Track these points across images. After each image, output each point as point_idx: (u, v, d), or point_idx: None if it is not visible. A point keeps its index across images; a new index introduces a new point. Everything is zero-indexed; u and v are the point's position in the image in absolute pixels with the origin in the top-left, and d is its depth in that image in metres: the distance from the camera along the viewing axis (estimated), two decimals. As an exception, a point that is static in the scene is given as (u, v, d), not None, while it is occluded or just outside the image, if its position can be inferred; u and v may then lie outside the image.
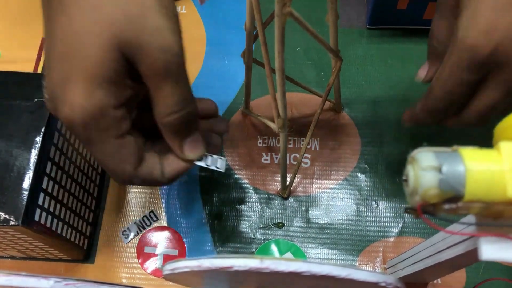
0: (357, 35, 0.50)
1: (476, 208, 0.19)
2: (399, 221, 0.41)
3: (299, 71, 0.48)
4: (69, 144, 0.37)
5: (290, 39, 0.49)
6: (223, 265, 0.22)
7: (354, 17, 0.51)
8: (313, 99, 0.45)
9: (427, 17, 0.47)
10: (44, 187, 0.33)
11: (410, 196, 0.20)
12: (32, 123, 0.33)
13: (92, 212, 0.42)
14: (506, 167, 0.18)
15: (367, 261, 0.40)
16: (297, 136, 0.45)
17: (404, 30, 0.49)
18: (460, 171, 0.18)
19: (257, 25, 0.30)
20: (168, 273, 0.25)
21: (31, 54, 0.50)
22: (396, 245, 0.40)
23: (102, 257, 0.41)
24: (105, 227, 0.42)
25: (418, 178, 0.19)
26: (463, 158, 0.19)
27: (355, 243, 0.41)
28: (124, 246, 0.41)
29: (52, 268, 0.40)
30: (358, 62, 0.48)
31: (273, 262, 0.21)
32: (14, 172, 0.31)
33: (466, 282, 0.39)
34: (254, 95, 0.46)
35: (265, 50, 0.31)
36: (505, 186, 0.18)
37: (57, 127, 0.35)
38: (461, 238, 0.24)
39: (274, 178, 0.44)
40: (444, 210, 0.19)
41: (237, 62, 0.49)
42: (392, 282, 0.22)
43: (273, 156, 0.45)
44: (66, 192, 0.36)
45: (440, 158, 0.19)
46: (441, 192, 0.19)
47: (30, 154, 0.32)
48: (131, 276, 0.40)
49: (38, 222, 0.32)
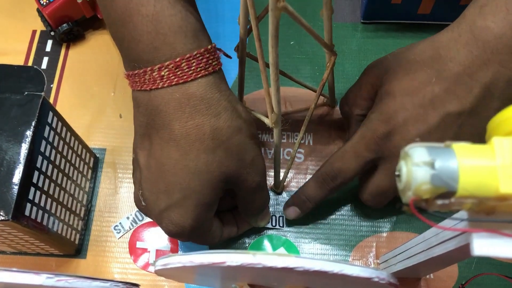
0: (351, 30, 0.50)
1: (469, 204, 0.19)
2: (392, 216, 0.41)
3: (293, 66, 0.48)
4: (60, 138, 0.36)
5: (284, 33, 0.49)
6: (216, 261, 0.22)
7: (348, 11, 0.51)
8: (307, 94, 0.45)
9: (422, 12, 0.47)
10: (34, 181, 0.32)
11: (402, 192, 0.20)
12: (22, 116, 0.32)
13: (83, 206, 0.41)
14: (499, 162, 0.18)
15: (360, 256, 0.40)
16: (290, 131, 0.45)
17: (398, 24, 0.49)
18: (453, 167, 0.18)
19: (251, 19, 0.29)
20: (160, 268, 0.24)
21: (22, 46, 0.49)
22: (389, 240, 0.41)
23: (93, 252, 0.41)
24: (96, 222, 0.42)
25: (411, 173, 0.19)
26: (456, 154, 0.19)
27: (348, 238, 0.41)
28: (116, 241, 0.41)
29: (43, 263, 0.40)
30: (352, 57, 0.48)
31: (266, 258, 0.21)
32: (4, 167, 0.31)
33: (458, 277, 0.39)
34: (247, 90, 0.45)
35: (259, 44, 0.30)
36: (497, 182, 0.18)
37: (47, 121, 0.34)
38: (454, 233, 0.24)
39: (268, 173, 0.43)
40: (437, 205, 0.19)
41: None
42: (385, 277, 0.22)
43: (266, 151, 0.44)
44: (57, 187, 0.36)
45: (433, 153, 0.19)
46: (433, 188, 0.19)
47: (20, 148, 0.31)
48: (123, 271, 0.40)
49: (29, 217, 0.32)
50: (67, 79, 0.48)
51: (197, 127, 0.29)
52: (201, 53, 0.29)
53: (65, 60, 0.49)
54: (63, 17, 0.47)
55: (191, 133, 0.29)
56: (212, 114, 0.29)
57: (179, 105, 0.29)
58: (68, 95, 0.47)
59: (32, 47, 0.49)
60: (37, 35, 0.50)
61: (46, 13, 0.46)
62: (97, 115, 0.46)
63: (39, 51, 0.49)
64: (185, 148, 0.29)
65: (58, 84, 0.47)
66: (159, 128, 0.30)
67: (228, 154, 0.30)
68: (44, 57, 0.49)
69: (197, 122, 0.29)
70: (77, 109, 0.46)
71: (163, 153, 0.30)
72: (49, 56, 0.49)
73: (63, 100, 0.47)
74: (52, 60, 0.48)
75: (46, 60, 0.48)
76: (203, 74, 0.29)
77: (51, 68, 0.48)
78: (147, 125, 0.31)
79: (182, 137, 0.29)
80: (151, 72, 0.28)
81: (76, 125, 0.41)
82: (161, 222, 0.32)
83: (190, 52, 0.28)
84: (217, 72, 0.30)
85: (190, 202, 0.31)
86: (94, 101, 0.47)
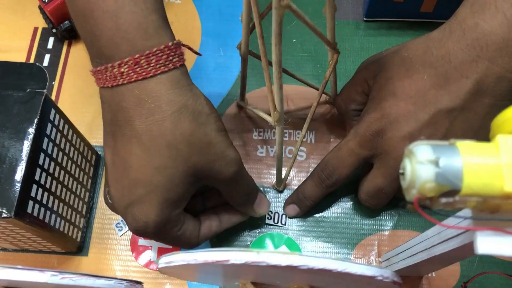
0: (353, 27, 0.49)
1: (473, 202, 0.19)
2: (394, 214, 0.41)
3: (295, 64, 0.48)
4: (62, 135, 0.36)
5: (286, 30, 0.49)
6: (220, 259, 0.22)
7: (350, 9, 0.50)
8: (309, 92, 0.45)
9: (424, 10, 0.47)
10: (37, 179, 0.32)
11: (407, 190, 0.20)
12: (24, 114, 0.32)
13: (85, 204, 0.41)
14: (504, 160, 0.18)
15: (362, 255, 0.40)
16: (292, 129, 0.45)
17: (401, 22, 0.49)
18: (457, 165, 0.18)
19: (254, 17, 0.29)
20: (164, 266, 0.24)
21: (24, 43, 0.49)
22: (391, 239, 0.41)
23: (95, 250, 0.41)
24: (98, 220, 0.42)
25: (415, 171, 0.19)
26: (460, 152, 0.19)
27: (350, 236, 0.41)
28: (118, 238, 0.41)
29: (45, 261, 0.40)
30: (354, 55, 0.48)
31: (270, 256, 0.21)
32: (6, 164, 0.31)
33: (460, 275, 0.39)
34: (249, 87, 0.45)
35: (262, 42, 0.30)
36: (502, 180, 0.18)
37: (50, 118, 0.34)
38: (457, 232, 0.24)
39: (270, 171, 0.43)
40: (441, 203, 0.19)
41: (232, 54, 0.48)
42: (389, 276, 0.22)
43: (268, 149, 0.44)
44: (59, 184, 0.36)
45: (437, 151, 0.19)
46: (438, 186, 0.18)
47: (22, 145, 0.31)
48: (125, 269, 0.40)
49: (31, 214, 0.32)
50: (69, 76, 0.48)
51: (157, 123, 0.29)
52: (161, 50, 0.29)
53: (66, 57, 0.48)
54: (65, 14, 0.47)
55: (152, 129, 0.29)
56: (173, 110, 0.29)
57: (139, 101, 0.29)
58: (70, 93, 0.47)
59: (33, 45, 0.49)
60: (39, 32, 0.50)
61: (48, 10, 0.46)
62: (99, 112, 0.45)
63: (40, 49, 0.49)
64: (147, 144, 0.29)
65: (59, 81, 0.47)
66: (121, 125, 0.30)
67: (194, 149, 0.30)
68: (46, 55, 0.48)
69: (157, 118, 0.29)
70: (79, 106, 0.46)
71: (126, 150, 0.30)
72: (51, 54, 0.49)
73: (65, 97, 0.47)
74: (53, 58, 0.48)
75: (48, 58, 0.48)
76: (163, 70, 0.29)
77: (53, 66, 0.48)
78: (111, 122, 0.31)
79: (143, 133, 0.29)
80: (111, 69, 0.28)
81: (78, 122, 0.41)
82: (126, 218, 0.32)
83: (150, 49, 0.28)
84: (178, 68, 0.30)
85: (153, 197, 0.30)
86: (96, 99, 0.46)
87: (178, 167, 0.30)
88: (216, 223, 0.37)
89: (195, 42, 0.49)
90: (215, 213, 0.37)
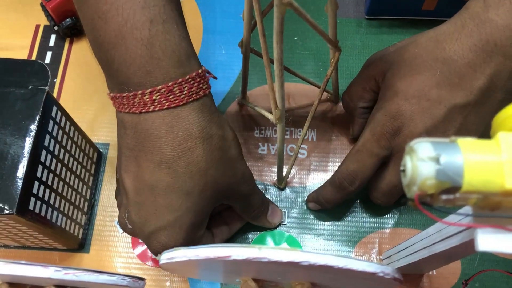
0: (355, 25, 0.49)
1: (474, 199, 0.19)
2: (395, 212, 0.41)
3: (297, 61, 0.48)
4: (64, 132, 0.36)
5: (287, 28, 0.49)
6: (222, 255, 0.22)
7: (352, 7, 0.50)
8: (311, 89, 0.45)
9: (426, 8, 0.47)
10: (38, 175, 0.33)
11: (407, 187, 0.20)
12: (26, 111, 0.32)
13: (87, 201, 0.41)
14: (505, 158, 0.18)
15: (363, 253, 0.40)
16: (294, 127, 0.45)
17: (402, 20, 0.49)
18: (458, 162, 0.18)
19: (256, 15, 0.29)
20: (166, 262, 0.25)
21: (25, 41, 0.49)
22: (392, 237, 0.41)
23: (97, 247, 0.41)
24: (100, 217, 0.42)
25: (416, 168, 0.19)
26: (461, 149, 0.19)
27: (351, 234, 0.41)
28: (119, 235, 0.41)
29: (47, 257, 0.40)
30: (356, 53, 0.48)
31: (272, 252, 0.21)
32: (8, 161, 0.31)
33: (461, 273, 0.39)
34: (251, 85, 0.45)
35: (263, 40, 0.30)
36: (503, 177, 0.18)
37: (52, 115, 0.34)
38: (457, 229, 0.24)
39: (271, 169, 0.43)
40: (442, 201, 0.19)
41: (234, 51, 0.48)
42: (390, 273, 0.22)
43: (269, 146, 0.44)
44: (61, 181, 0.36)
45: (438, 148, 0.19)
46: (438, 183, 0.19)
47: (24, 142, 0.31)
48: (126, 266, 0.40)
49: (33, 211, 0.32)
50: (71, 73, 0.48)
51: (189, 150, 0.29)
52: (192, 78, 0.29)
53: (68, 54, 0.49)
54: (67, 12, 0.47)
55: (184, 156, 0.29)
56: (204, 136, 0.30)
57: (171, 129, 0.29)
58: (71, 90, 0.47)
59: (35, 42, 0.49)
60: (41, 29, 0.50)
61: (49, 8, 0.46)
62: (100, 110, 0.46)
63: (42, 46, 0.49)
64: (178, 171, 0.29)
65: (61, 78, 0.47)
66: (148, 151, 0.29)
67: (220, 173, 0.31)
68: (48, 52, 0.49)
69: (189, 145, 0.29)
70: (80, 104, 0.46)
71: (153, 176, 0.30)
72: (53, 51, 0.49)
73: (67, 94, 0.47)
74: (55, 55, 0.48)
75: (50, 55, 0.48)
76: (195, 98, 0.29)
77: (55, 63, 0.48)
78: (134, 148, 0.30)
79: (174, 160, 0.29)
80: (141, 96, 0.28)
81: (80, 119, 0.41)
82: (150, 242, 0.32)
83: (182, 77, 0.28)
84: (207, 95, 0.30)
85: (181, 223, 0.31)
86: (97, 96, 0.47)
87: (206, 192, 0.31)
88: (227, 232, 0.38)
89: (197, 40, 0.49)
90: (224, 222, 0.38)
